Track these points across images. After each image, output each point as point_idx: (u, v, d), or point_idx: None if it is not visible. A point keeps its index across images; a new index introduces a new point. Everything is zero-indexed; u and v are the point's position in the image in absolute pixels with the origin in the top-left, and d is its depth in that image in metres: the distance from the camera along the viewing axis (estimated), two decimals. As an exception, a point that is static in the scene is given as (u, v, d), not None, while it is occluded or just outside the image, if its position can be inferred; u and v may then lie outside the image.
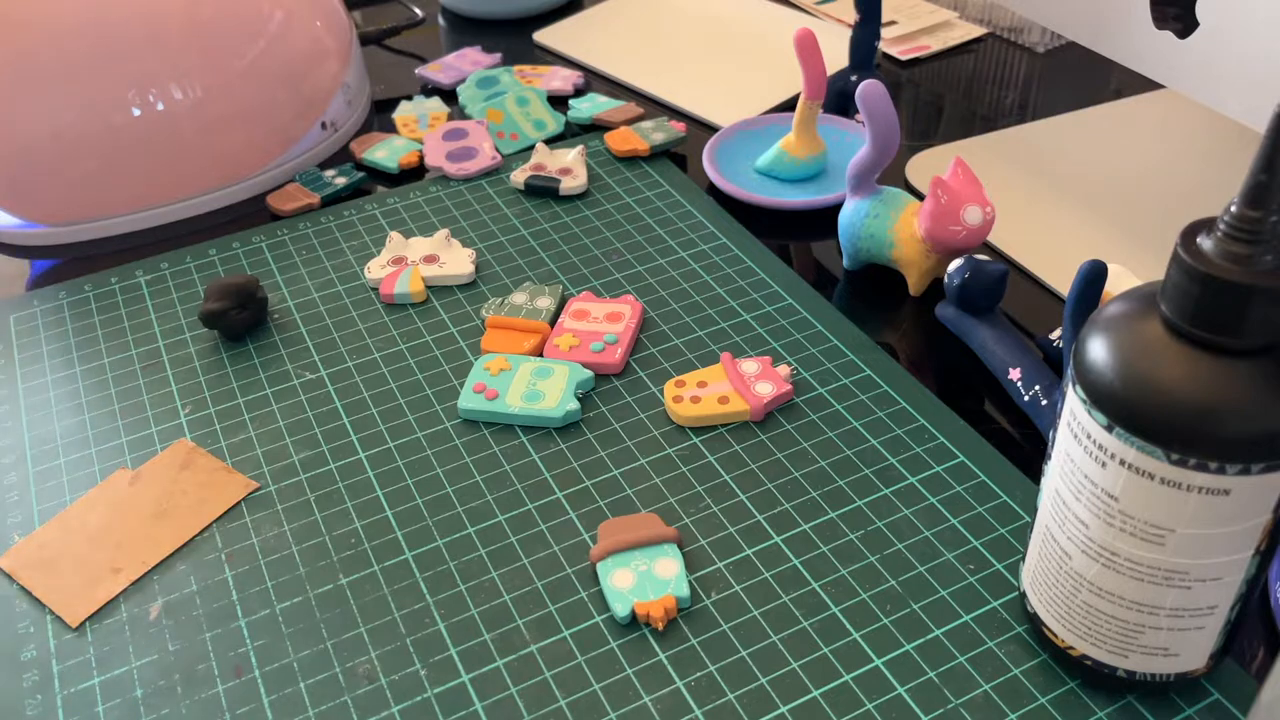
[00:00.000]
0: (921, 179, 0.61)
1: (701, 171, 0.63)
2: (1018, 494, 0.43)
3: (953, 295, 0.49)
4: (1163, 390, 0.29)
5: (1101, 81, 0.72)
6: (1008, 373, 0.46)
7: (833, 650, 0.37)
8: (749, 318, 0.52)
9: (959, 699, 0.36)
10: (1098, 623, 0.33)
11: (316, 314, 0.54)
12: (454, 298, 0.54)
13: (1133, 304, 0.31)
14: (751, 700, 0.36)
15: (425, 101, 0.71)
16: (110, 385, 0.50)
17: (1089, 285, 0.41)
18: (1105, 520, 0.31)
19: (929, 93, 0.72)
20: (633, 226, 0.59)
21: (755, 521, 0.42)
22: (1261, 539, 0.30)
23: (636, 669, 0.37)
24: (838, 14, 0.82)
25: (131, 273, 0.57)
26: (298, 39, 0.63)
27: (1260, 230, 0.27)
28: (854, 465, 0.44)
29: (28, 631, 0.39)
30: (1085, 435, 0.31)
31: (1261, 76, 0.48)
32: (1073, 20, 0.58)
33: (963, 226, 0.49)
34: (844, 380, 0.48)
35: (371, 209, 0.61)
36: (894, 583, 0.39)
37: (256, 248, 0.59)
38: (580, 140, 0.66)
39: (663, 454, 0.45)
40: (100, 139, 0.58)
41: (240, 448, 0.46)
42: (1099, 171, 0.62)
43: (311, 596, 0.40)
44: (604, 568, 0.40)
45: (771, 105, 0.70)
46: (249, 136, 0.62)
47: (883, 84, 0.50)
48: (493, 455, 0.45)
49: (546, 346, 0.50)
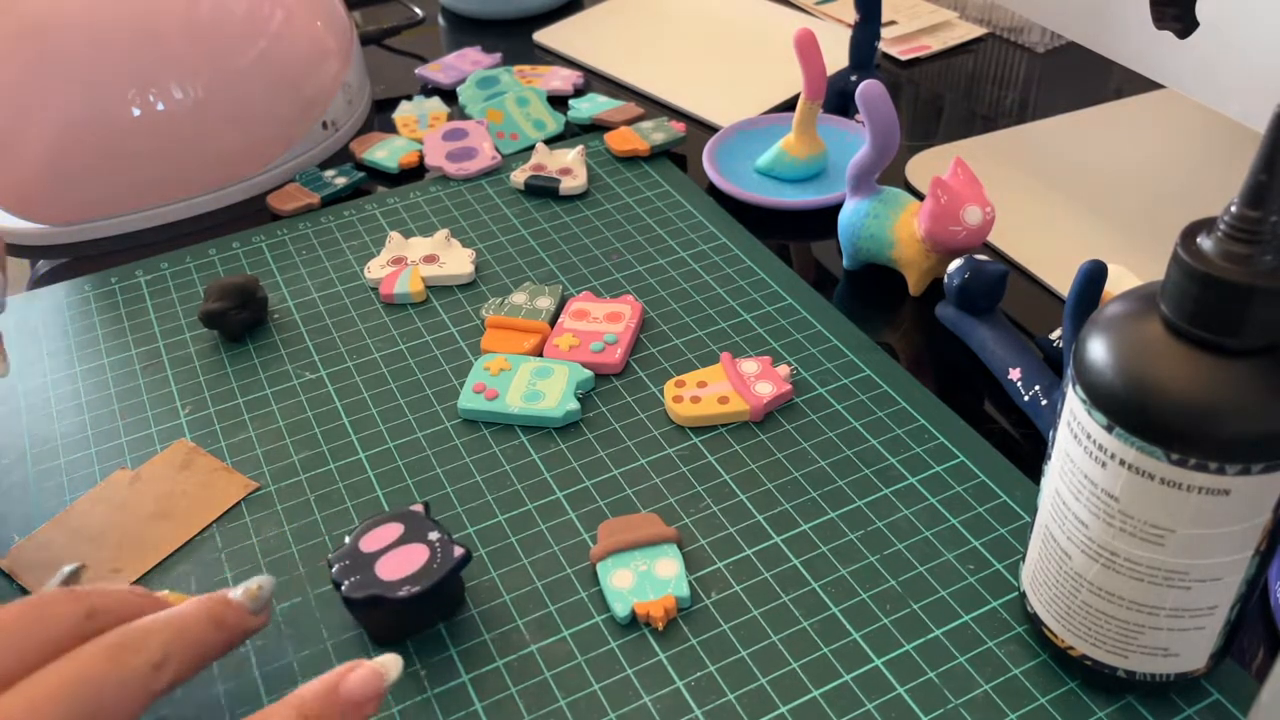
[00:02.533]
0: (921, 179, 0.61)
1: (701, 171, 0.63)
2: (1018, 494, 0.43)
3: (953, 295, 0.49)
4: (1163, 390, 0.29)
5: (1101, 81, 0.72)
6: (1008, 373, 0.46)
7: (833, 650, 0.37)
8: (749, 318, 0.52)
9: (959, 699, 0.36)
10: (1098, 623, 0.33)
11: (316, 314, 0.54)
12: (454, 298, 0.54)
13: (1133, 304, 0.31)
14: (751, 700, 0.36)
15: (425, 101, 0.71)
16: (110, 385, 0.50)
17: (1089, 285, 0.41)
18: (1105, 520, 0.31)
19: (929, 93, 0.72)
20: (633, 226, 0.59)
21: (755, 521, 0.42)
22: (1261, 539, 0.30)
23: (636, 669, 0.37)
24: (838, 14, 0.82)
25: (131, 273, 0.57)
26: (298, 39, 0.63)
27: (1260, 230, 0.27)
28: (854, 465, 0.44)
29: (28, 631, 0.39)
30: (1085, 435, 0.31)
31: (1261, 76, 0.48)
32: (1073, 20, 0.58)
33: (963, 226, 0.49)
34: (844, 380, 0.48)
35: (371, 209, 0.61)
36: (894, 583, 0.39)
37: (256, 248, 0.59)
38: (580, 140, 0.66)
39: (663, 454, 0.45)
40: (100, 139, 0.58)
41: (240, 448, 0.46)
42: (1099, 171, 0.62)
43: (311, 596, 0.40)
44: (604, 568, 0.40)
45: (771, 105, 0.70)
46: (249, 136, 0.62)
47: (883, 84, 0.50)
48: (493, 455, 0.45)
49: (546, 346, 0.50)
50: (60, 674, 0.29)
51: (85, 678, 0.29)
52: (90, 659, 0.30)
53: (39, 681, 0.29)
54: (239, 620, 0.34)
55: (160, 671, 0.31)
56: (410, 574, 0.37)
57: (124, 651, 0.30)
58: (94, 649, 0.30)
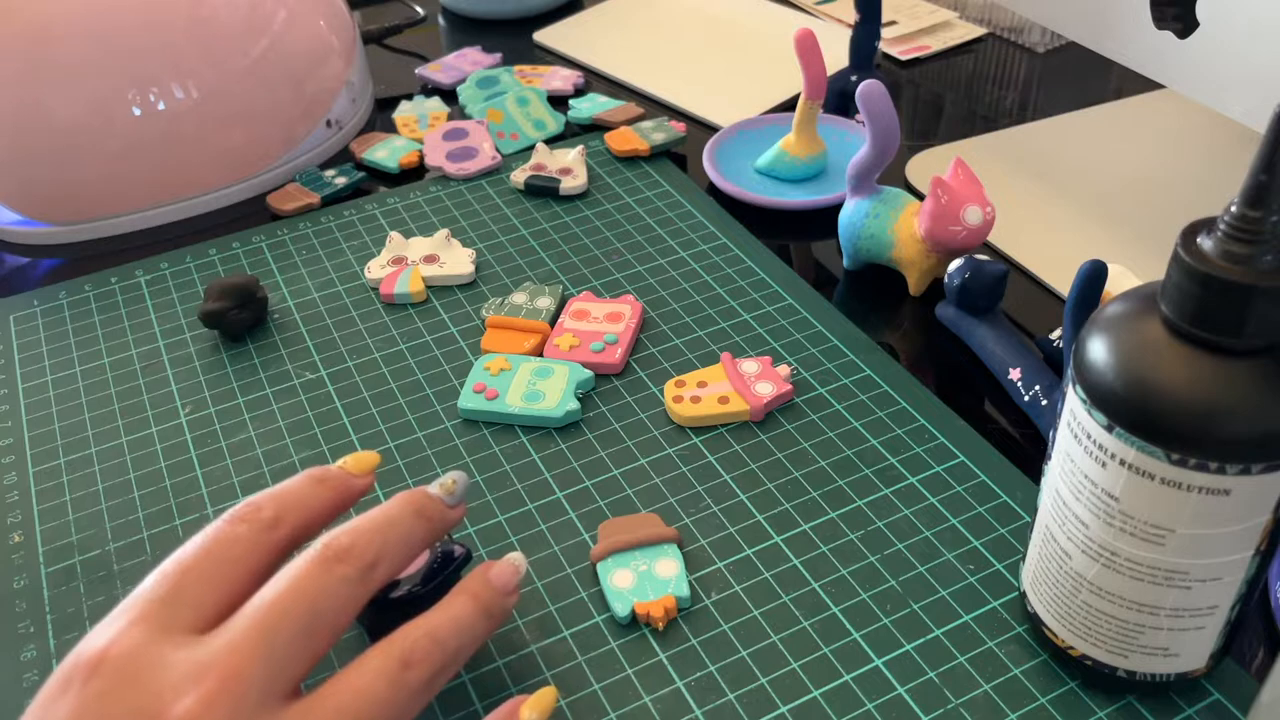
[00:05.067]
0: (921, 179, 0.61)
1: (701, 171, 0.63)
2: (1018, 494, 0.43)
3: (953, 295, 0.49)
4: (1163, 390, 0.29)
5: (1101, 81, 0.72)
6: (1008, 373, 0.46)
7: (833, 650, 0.37)
8: (749, 318, 0.52)
9: (959, 699, 0.36)
10: (1098, 623, 0.33)
11: (316, 314, 0.54)
12: (454, 298, 0.54)
13: (1133, 304, 0.31)
14: (751, 700, 0.36)
15: (425, 101, 0.71)
16: (110, 385, 0.50)
17: (1089, 285, 0.40)
18: (1105, 520, 0.31)
19: (929, 93, 0.72)
20: (633, 226, 0.59)
21: (755, 521, 0.42)
22: (1261, 539, 0.30)
23: (636, 669, 0.37)
24: (838, 14, 0.82)
25: (131, 273, 0.57)
26: (301, 38, 0.64)
27: (1260, 230, 0.27)
28: (854, 465, 0.44)
29: (28, 631, 0.39)
30: (1085, 435, 0.31)
31: (1261, 76, 0.48)
32: (1073, 20, 0.58)
33: (963, 226, 0.49)
34: (844, 380, 0.48)
35: (371, 209, 0.61)
36: (894, 583, 0.39)
37: (256, 248, 0.59)
38: (580, 140, 0.66)
39: (663, 454, 0.45)
40: (102, 139, 0.58)
41: (240, 448, 0.46)
42: (1099, 171, 0.62)
43: (311, 596, 0.40)
44: (604, 568, 0.40)
45: (771, 105, 0.70)
46: (252, 136, 0.62)
47: (883, 84, 0.50)
48: (493, 455, 0.45)
49: (546, 346, 0.50)
50: (277, 592, 0.30)
51: (300, 591, 0.30)
52: (305, 574, 0.30)
53: (256, 606, 0.29)
54: (440, 513, 0.35)
55: (374, 571, 0.31)
56: (410, 574, 0.37)
57: (337, 564, 0.31)
58: (305, 565, 0.30)
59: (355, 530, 0.32)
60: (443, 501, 0.35)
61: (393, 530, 0.33)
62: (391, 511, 0.33)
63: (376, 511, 0.33)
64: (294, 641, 0.29)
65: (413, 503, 0.34)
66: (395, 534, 0.33)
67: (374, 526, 0.32)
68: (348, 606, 0.31)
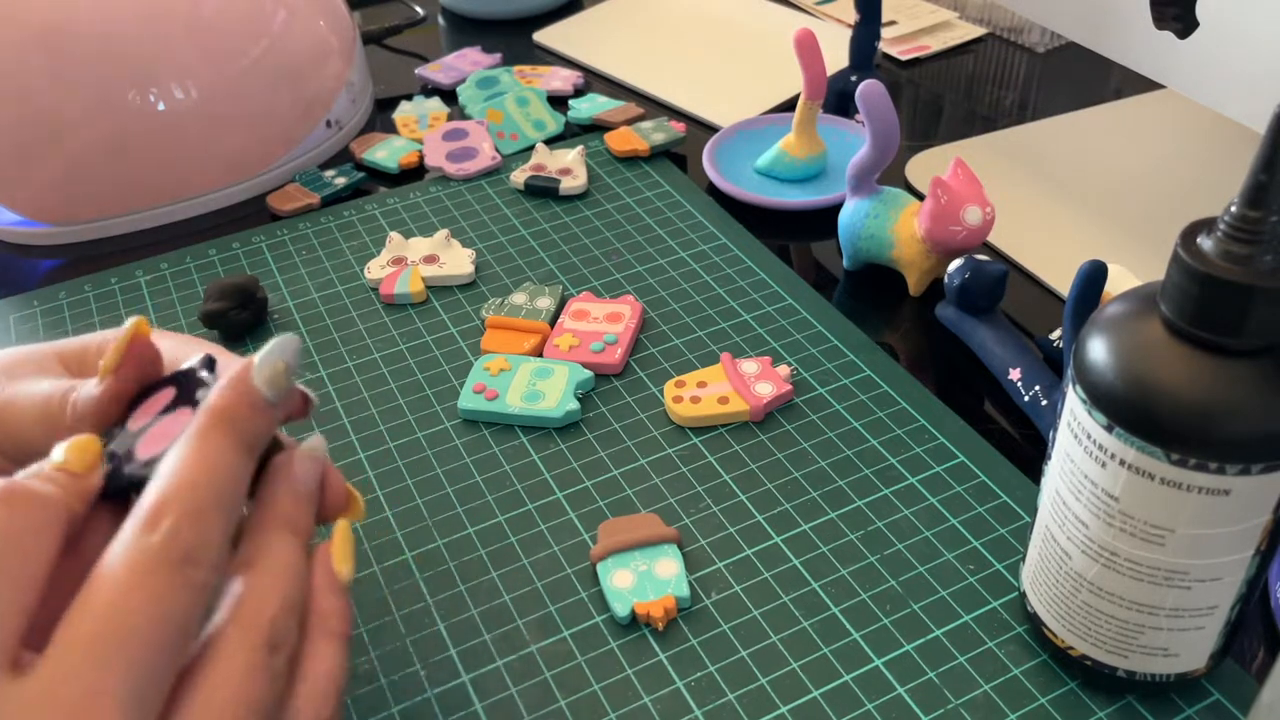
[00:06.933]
0: (921, 179, 0.61)
1: (701, 171, 0.63)
2: (1018, 494, 0.43)
3: (953, 295, 0.49)
4: (1163, 390, 0.29)
5: (1101, 81, 0.72)
6: (1008, 373, 0.46)
7: (833, 650, 0.37)
8: (749, 318, 0.52)
9: (959, 699, 0.36)
10: (1097, 623, 0.33)
11: (316, 314, 0.54)
12: (454, 298, 0.54)
13: (1133, 304, 0.31)
14: (751, 700, 0.36)
15: (425, 101, 0.71)
16: (110, 385, 0.50)
17: (1089, 285, 0.41)
18: (1105, 520, 0.31)
19: (929, 93, 0.72)
20: (633, 226, 0.59)
21: (755, 521, 0.42)
22: (1261, 539, 0.30)
23: (636, 669, 0.37)
24: (838, 14, 0.82)
25: (131, 273, 0.57)
26: (301, 38, 0.64)
27: (1260, 230, 0.27)
28: (854, 465, 0.44)
29: (28, 631, 0.39)
30: (1085, 435, 0.31)
31: (1261, 76, 0.48)
32: (1073, 20, 0.58)
33: (963, 226, 0.49)
34: (844, 380, 0.48)
35: (371, 209, 0.61)
36: (894, 583, 0.39)
37: (256, 248, 0.59)
38: (580, 140, 0.66)
39: (663, 454, 0.45)
40: (102, 139, 0.58)
41: (240, 448, 0.46)
42: (1099, 171, 0.62)
43: (311, 596, 0.40)
44: (604, 568, 0.40)
45: (771, 105, 0.70)
46: (252, 136, 0.62)
47: (883, 84, 0.50)
48: (493, 455, 0.45)
49: (546, 347, 0.50)
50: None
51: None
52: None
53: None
54: (266, 424, 0.28)
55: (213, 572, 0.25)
56: (162, 451, 0.27)
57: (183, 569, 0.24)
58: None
59: (183, 512, 0.25)
60: (264, 402, 0.27)
61: (222, 493, 0.26)
62: (209, 457, 0.26)
63: (191, 464, 0.26)
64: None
65: (231, 431, 0.26)
66: (226, 497, 0.26)
67: (200, 498, 0.25)
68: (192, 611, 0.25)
